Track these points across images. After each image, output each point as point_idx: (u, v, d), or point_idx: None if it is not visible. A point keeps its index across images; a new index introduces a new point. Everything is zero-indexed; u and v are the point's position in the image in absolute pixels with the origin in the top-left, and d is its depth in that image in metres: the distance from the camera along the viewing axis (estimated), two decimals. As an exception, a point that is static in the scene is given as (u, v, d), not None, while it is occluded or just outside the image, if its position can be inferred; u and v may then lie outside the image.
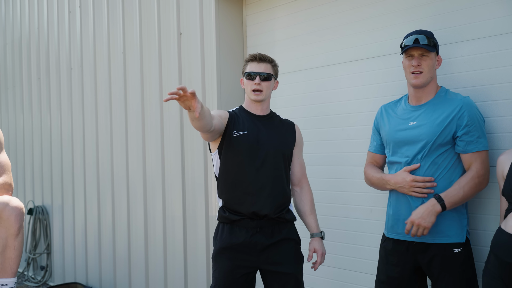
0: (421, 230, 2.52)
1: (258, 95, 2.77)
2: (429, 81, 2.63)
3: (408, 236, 2.64)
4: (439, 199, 2.51)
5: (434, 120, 2.59)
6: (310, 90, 3.66)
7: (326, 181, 3.56)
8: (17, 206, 2.89)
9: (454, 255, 2.56)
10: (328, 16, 3.54)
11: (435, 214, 2.51)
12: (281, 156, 2.81)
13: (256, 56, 2.79)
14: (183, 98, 2.26)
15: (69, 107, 5.65)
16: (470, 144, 2.54)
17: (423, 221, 2.51)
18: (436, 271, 2.59)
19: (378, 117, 2.90)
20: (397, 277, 2.70)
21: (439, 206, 2.50)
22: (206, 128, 2.52)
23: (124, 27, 4.83)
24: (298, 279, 2.77)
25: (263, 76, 2.76)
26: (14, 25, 6.78)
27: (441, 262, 2.57)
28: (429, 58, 2.60)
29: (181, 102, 2.28)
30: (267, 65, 2.79)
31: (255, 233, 2.71)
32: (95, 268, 5.30)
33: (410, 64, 2.62)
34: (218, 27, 3.97)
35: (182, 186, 4.25)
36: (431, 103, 2.64)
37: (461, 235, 2.59)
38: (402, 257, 2.68)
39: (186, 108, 2.33)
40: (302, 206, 2.92)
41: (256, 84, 2.75)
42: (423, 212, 2.52)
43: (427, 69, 2.60)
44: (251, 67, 2.78)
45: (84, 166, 5.41)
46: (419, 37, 2.59)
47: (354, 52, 3.39)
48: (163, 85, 4.42)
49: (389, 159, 2.78)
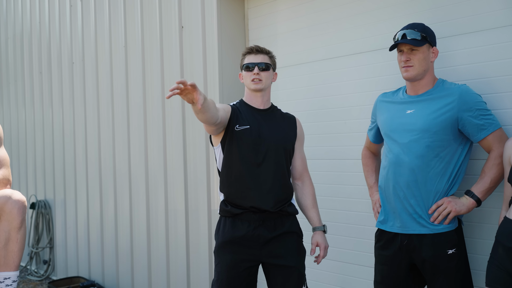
0: (446, 212, 2.54)
1: (257, 83, 2.77)
2: (421, 73, 2.63)
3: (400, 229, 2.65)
4: (469, 193, 2.56)
5: (431, 107, 2.59)
6: (312, 84, 3.65)
7: (328, 175, 3.55)
8: (19, 199, 2.89)
9: (448, 256, 2.55)
10: (330, 9, 3.53)
11: (467, 205, 2.55)
12: (283, 150, 2.80)
13: (252, 48, 2.81)
14: (184, 91, 2.25)
15: (71, 101, 5.65)
16: (481, 130, 2.53)
17: (454, 204, 2.54)
18: (431, 272, 2.58)
19: (375, 107, 2.93)
20: (392, 276, 2.70)
21: (472, 200, 2.55)
22: (212, 121, 2.51)
23: (126, 21, 4.82)
24: (300, 272, 2.77)
25: (262, 66, 2.77)
26: (16, 19, 6.76)
27: (435, 263, 2.57)
28: (419, 51, 2.60)
29: (184, 96, 2.27)
30: (265, 56, 2.81)
31: (258, 226, 2.71)
32: (97, 262, 5.31)
33: (401, 59, 2.65)
34: (220, 21, 3.96)
35: (184, 180, 4.25)
36: (429, 93, 2.65)
37: (454, 221, 2.60)
38: (396, 256, 2.67)
39: (190, 102, 2.32)
40: (304, 200, 2.92)
41: (255, 74, 2.76)
42: (458, 200, 2.56)
43: (417, 63, 2.60)
44: (249, 59, 2.80)
45: (86, 160, 5.41)
46: (407, 32, 2.61)
47: (356, 45, 3.37)
48: (164, 79, 4.41)
49: (386, 146, 2.78)
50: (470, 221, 2.79)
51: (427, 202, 2.59)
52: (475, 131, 2.54)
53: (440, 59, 2.89)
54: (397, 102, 2.76)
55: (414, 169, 2.59)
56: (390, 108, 2.78)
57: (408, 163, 2.60)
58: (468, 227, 2.78)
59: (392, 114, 2.74)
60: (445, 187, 2.59)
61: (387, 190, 2.71)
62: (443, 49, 2.90)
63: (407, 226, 2.63)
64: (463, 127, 2.56)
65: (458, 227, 2.63)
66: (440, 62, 2.89)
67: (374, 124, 2.94)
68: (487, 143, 2.55)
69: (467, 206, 2.56)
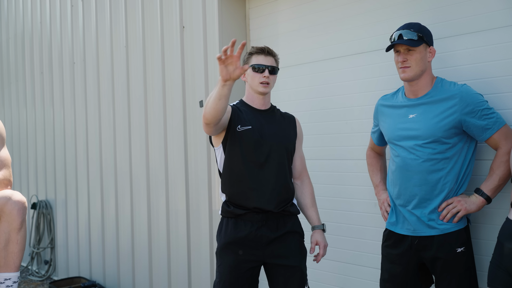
0: (455, 210, 2.54)
1: (266, 87, 2.76)
2: (419, 74, 2.61)
3: (410, 231, 2.64)
4: (478, 191, 2.55)
5: (433, 111, 2.58)
6: (313, 84, 3.64)
7: (329, 175, 3.54)
8: (19, 200, 2.88)
9: (457, 254, 2.55)
10: (331, 10, 3.52)
11: (477, 204, 2.54)
12: (284, 150, 2.80)
13: (264, 49, 2.77)
14: (228, 60, 2.23)
15: (72, 101, 5.65)
16: (486, 130, 2.52)
17: (464, 203, 2.54)
18: (440, 270, 2.58)
19: (376, 111, 2.91)
20: (401, 274, 2.69)
21: (482, 198, 2.54)
22: (223, 111, 2.47)
23: (127, 21, 4.81)
24: (303, 272, 2.77)
25: (271, 69, 2.75)
26: (17, 19, 6.77)
27: (444, 261, 2.57)
28: (416, 52, 2.58)
29: (224, 66, 2.26)
30: (273, 58, 2.79)
31: (261, 227, 2.70)
32: (98, 262, 5.31)
33: (398, 59, 2.63)
34: (221, 20, 3.95)
35: (186, 180, 4.24)
36: (429, 95, 2.62)
37: (463, 219, 2.59)
38: (405, 255, 2.67)
39: (226, 77, 2.29)
40: (303, 199, 2.92)
41: (265, 77, 2.74)
42: (467, 198, 2.56)
43: (414, 63, 2.58)
44: (259, 59, 2.75)
45: (87, 160, 5.41)
46: (403, 32, 2.59)
47: (357, 45, 3.36)
48: (165, 79, 4.41)
49: (393, 151, 2.77)
50: (475, 222, 2.78)
51: (436, 204, 2.59)
52: (480, 131, 2.53)
53: (441, 59, 2.88)
54: (398, 106, 2.74)
55: (423, 172, 2.58)
56: (392, 113, 2.76)
57: (415, 166, 2.60)
58: (473, 227, 2.78)
59: (395, 120, 2.73)
60: (454, 187, 2.59)
61: (396, 194, 2.71)
62: (444, 50, 2.89)
63: (417, 229, 2.63)
64: (467, 129, 2.55)
65: (466, 225, 2.63)
66: (442, 62, 2.88)
67: (377, 128, 2.93)
68: (494, 142, 2.54)
69: (477, 204, 2.55)
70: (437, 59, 2.84)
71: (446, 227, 2.57)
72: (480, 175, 2.74)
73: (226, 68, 2.27)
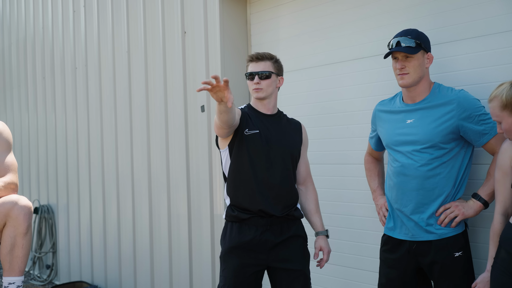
0: (453, 215, 2.55)
1: (258, 92, 2.78)
2: (417, 80, 2.62)
3: (408, 236, 2.66)
4: (476, 195, 2.57)
5: (431, 116, 2.59)
6: (314, 88, 3.67)
7: (330, 179, 3.56)
8: (25, 205, 2.90)
9: (455, 259, 2.56)
10: (332, 14, 3.54)
11: (474, 209, 2.56)
12: (290, 155, 2.82)
13: (253, 56, 2.81)
14: (215, 88, 2.25)
15: (74, 106, 5.67)
16: (483, 135, 2.53)
17: (462, 207, 2.55)
18: (438, 274, 2.59)
19: (374, 116, 2.93)
20: (398, 279, 2.70)
21: (479, 202, 2.55)
22: (230, 122, 2.52)
23: (129, 26, 4.84)
24: (306, 276, 2.79)
25: (262, 75, 2.76)
26: (19, 24, 6.79)
27: (442, 266, 2.58)
28: (414, 58, 2.59)
29: (213, 93, 2.29)
30: (266, 62, 2.79)
31: (265, 231, 2.71)
32: (100, 266, 5.32)
33: (396, 66, 2.64)
34: (223, 26, 3.98)
35: (187, 184, 4.26)
36: (427, 100, 2.64)
37: (460, 224, 2.61)
38: (402, 259, 2.68)
39: (218, 100, 2.33)
40: (308, 205, 2.93)
41: (256, 84, 2.77)
42: (465, 203, 2.58)
43: (412, 69, 2.59)
44: (250, 67, 2.81)
45: (89, 164, 5.43)
46: (401, 39, 2.60)
47: (358, 50, 3.39)
48: (167, 84, 4.43)
49: (390, 156, 2.79)
50: (473, 226, 2.80)
51: (434, 209, 2.60)
52: (477, 136, 2.55)
53: (440, 64, 2.90)
54: (396, 112, 2.75)
55: (420, 177, 2.60)
56: (390, 118, 2.78)
57: (413, 171, 2.61)
58: (472, 231, 2.79)
59: (393, 125, 2.74)
60: (452, 191, 2.60)
61: (394, 199, 2.72)
62: (444, 55, 2.91)
63: (415, 234, 2.64)
64: (464, 134, 2.57)
65: (464, 230, 2.64)
66: (441, 68, 2.90)
67: (375, 133, 2.95)
68: (491, 147, 2.55)
69: (474, 209, 2.57)
70: (436, 64, 2.87)
71: (444, 232, 2.58)
72: (477, 180, 2.76)
73: (216, 94, 2.31)
